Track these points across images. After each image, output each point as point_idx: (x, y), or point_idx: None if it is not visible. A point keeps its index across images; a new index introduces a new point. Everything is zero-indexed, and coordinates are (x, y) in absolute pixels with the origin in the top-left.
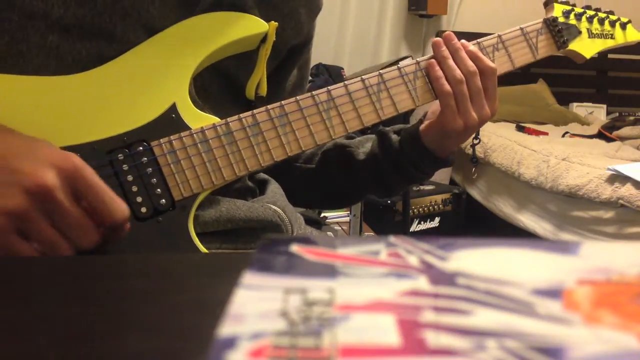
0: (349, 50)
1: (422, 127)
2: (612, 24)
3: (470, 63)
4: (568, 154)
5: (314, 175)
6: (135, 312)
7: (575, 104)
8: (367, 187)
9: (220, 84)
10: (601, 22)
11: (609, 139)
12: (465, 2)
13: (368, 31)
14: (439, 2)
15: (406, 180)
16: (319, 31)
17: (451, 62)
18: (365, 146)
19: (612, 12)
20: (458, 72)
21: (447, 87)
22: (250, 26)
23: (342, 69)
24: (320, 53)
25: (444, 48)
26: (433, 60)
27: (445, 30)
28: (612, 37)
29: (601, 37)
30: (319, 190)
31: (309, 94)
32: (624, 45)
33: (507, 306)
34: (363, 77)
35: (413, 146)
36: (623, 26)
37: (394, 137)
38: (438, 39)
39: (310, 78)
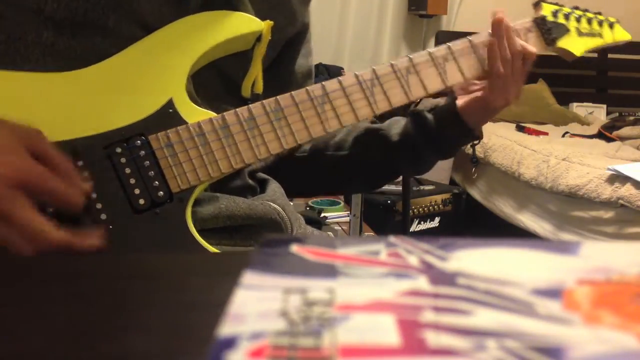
0: (349, 50)
1: (461, 104)
2: (600, 23)
3: (518, 43)
4: (568, 154)
5: (348, 161)
6: (135, 312)
7: (575, 104)
8: (402, 166)
9: (217, 83)
10: (589, 21)
11: (609, 139)
12: (465, 2)
13: (368, 31)
14: (439, 2)
15: (441, 156)
16: (319, 31)
17: (505, 41)
18: (396, 127)
19: (599, 13)
20: (508, 52)
21: (501, 68)
22: (246, 25)
23: (342, 69)
24: (320, 53)
25: (502, 27)
26: (493, 39)
27: (445, 30)
28: (600, 36)
29: (590, 36)
30: (353, 175)
31: (303, 90)
32: (614, 45)
33: (507, 306)
34: (357, 73)
35: (453, 123)
36: (611, 25)
37: (429, 115)
38: (500, 16)
39: None
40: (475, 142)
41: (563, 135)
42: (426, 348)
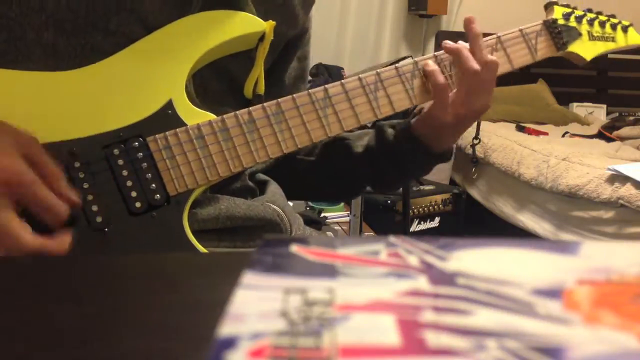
0: (349, 50)
1: (413, 120)
2: (614, 27)
3: (481, 56)
4: (568, 154)
5: (315, 167)
6: (134, 312)
7: (575, 104)
8: (365, 180)
9: (219, 82)
10: (602, 25)
11: (609, 139)
12: (465, 2)
13: (368, 31)
14: (439, 2)
15: (403, 174)
16: (319, 31)
17: (467, 52)
18: (363, 139)
19: (613, 16)
20: (474, 64)
21: (442, 81)
22: (248, 25)
23: (342, 69)
24: (320, 53)
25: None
26: (430, 57)
27: (445, 30)
28: (613, 39)
29: (602, 40)
30: (319, 183)
31: (305, 92)
32: (626, 48)
33: (507, 306)
34: (360, 75)
35: (407, 140)
36: (624, 29)
37: (390, 130)
38: (470, 21)
39: (310, 78)
40: (476, 142)
41: (563, 135)
42: (426, 348)
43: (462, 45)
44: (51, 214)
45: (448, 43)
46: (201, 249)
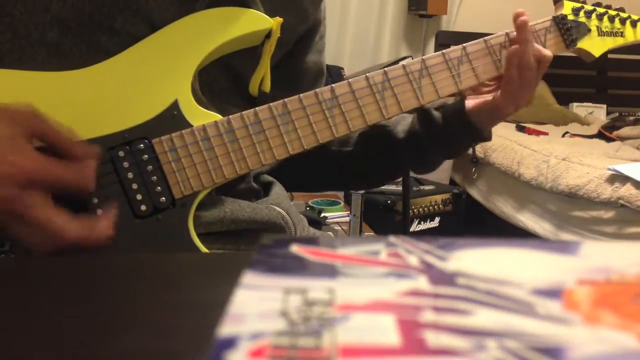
0: (349, 50)
1: (470, 105)
2: (623, 21)
3: (538, 49)
4: (568, 154)
5: (352, 157)
6: (135, 312)
7: (575, 104)
8: (407, 164)
9: (225, 80)
10: (611, 19)
11: (609, 139)
12: (465, 2)
13: (368, 31)
14: (439, 2)
15: (447, 155)
16: None
17: (530, 48)
18: (402, 124)
19: (622, 9)
20: (532, 60)
21: (517, 75)
22: (255, 22)
23: (342, 69)
24: None
25: (528, 31)
26: (517, 47)
27: (445, 30)
28: (622, 35)
29: (611, 35)
30: (358, 171)
31: (312, 92)
32: (634, 44)
33: (507, 306)
34: (367, 75)
35: (460, 124)
36: (634, 24)
37: (436, 114)
38: (524, 19)
39: None
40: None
41: (563, 135)
42: (426, 348)
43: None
44: (76, 189)
45: (499, 36)
46: (206, 252)
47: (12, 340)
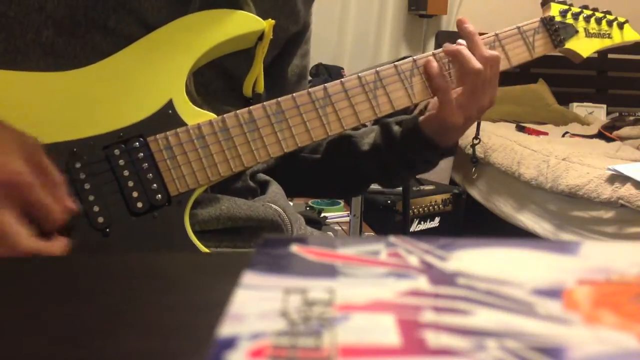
0: (349, 50)
1: (422, 118)
2: (610, 23)
3: (480, 53)
4: (568, 154)
5: (320, 165)
6: (134, 312)
7: (575, 104)
8: (372, 177)
9: (219, 81)
10: (598, 21)
11: (609, 139)
12: (465, 2)
13: (368, 31)
14: (439, 2)
15: (410, 169)
16: (319, 31)
17: (467, 52)
18: (369, 137)
19: (609, 12)
20: (476, 63)
21: (443, 83)
22: (247, 24)
23: (342, 69)
24: (320, 53)
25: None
26: (430, 57)
27: (445, 30)
28: (609, 36)
29: (598, 37)
30: (325, 180)
31: (305, 91)
32: (622, 45)
33: (507, 306)
34: (359, 74)
35: (413, 137)
36: (620, 26)
37: (396, 127)
38: (462, 21)
39: (310, 78)
40: (476, 142)
41: (563, 135)
42: (426, 348)
43: (461, 45)
44: (47, 219)
45: (448, 46)
46: (203, 249)
47: (10, 340)
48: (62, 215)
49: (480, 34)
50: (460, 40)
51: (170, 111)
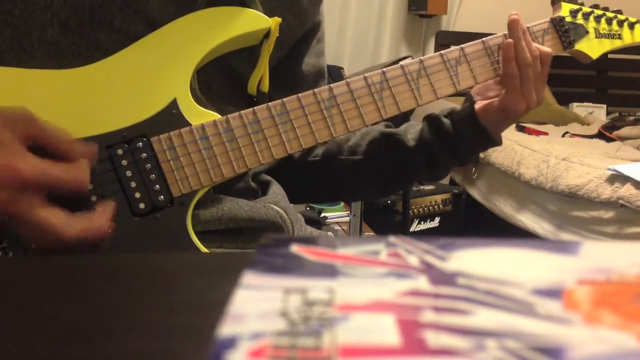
0: (349, 50)
1: (479, 108)
2: (620, 23)
3: (534, 47)
4: (568, 154)
5: (361, 166)
6: (134, 312)
7: (575, 104)
8: (418, 172)
9: (223, 79)
10: (609, 21)
11: (609, 139)
12: (465, 2)
13: (368, 31)
14: (439, 2)
15: (458, 162)
16: None
17: (524, 44)
18: (412, 132)
19: (620, 12)
20: (528, 55)
21: (516, 69)
22: (253, 22)
23: (342, 69)
24: None
25: (519, 28)
26: (510, 41)
27: (445, 30)
28: (619, 37)
29: (609, 37)
30: (368, 180)
31: (310, 92)
32: (632, 45)
33: (507, 306)
34: (366, 75)
35: (470, 128)
36: (631, 26)
37: (446, 120)
38: (515, 17)
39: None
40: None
41: (563, 135)
42: (426, 348)
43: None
44: (73, 190)
45: (495, 37)
46: (204, 250)
47: (10, 340)
48: (84, 180)
49: (483, 35)
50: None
51: (174, 111)
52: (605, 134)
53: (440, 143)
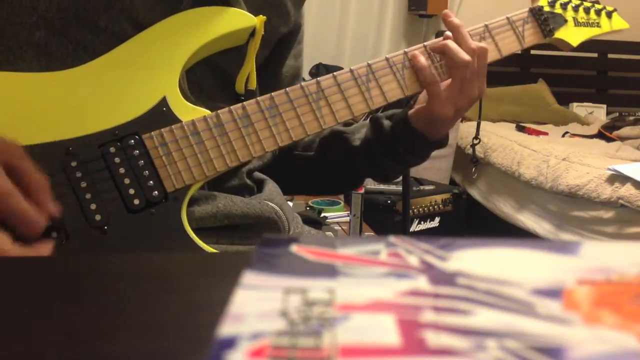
0: (349, 50)
1: (411, 111)
2: (598, 12)
3: (471, 44)
4: (568, 154)
5: (314, 162)
6: (134, 312)
7: (575, 104)
8: (364, 172)
9: (212, 78)
10: (587, 10)
11: (609, 139)
12: (465, 2)
13: (368, 31)
14: (439, 2)
15: (401, 163)
16: (319, 31)
17: (454, 45)
18: (360, 132)
19: (597, 1)
20: (464, 55)
21: (432, 76)
22: (239, 20)
23: (342, 69)
24: (320, 53)
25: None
26: (416, 51)
27: (445, 30)
28: (598, 25)
29: (587, 26)
30: (319, 177)
31: (298, 86)
32: (611, 33)
33: (507, 306)
34: (352, 68)
35: (403, 131)
36: (609, 15)
37: (386, 122)
38: (447, 15)
39: (309, 78)
40: (476, 142)
41: (563, 135)
42: (426, 348)
43: (448, 39)
44: (26, 227)
45: (434, 42)
46: (201, 244)
47: (10, 340)
48: (40, 223)
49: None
50: (447, 33)
51: (164, 108)
52: (605, 134)
53: (380, 144)
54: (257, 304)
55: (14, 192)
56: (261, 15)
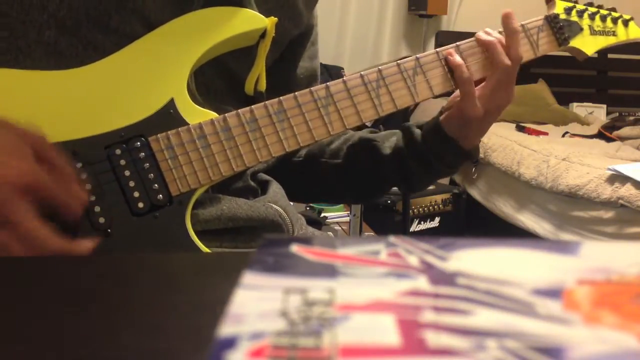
0: (349, 50)
1: (442, 117)
2: (615, 21)
3: (516, 52)
4: (568, 154)
5: (341, 170)
6: (134, 312)
7: (575, 104)
8: (393, 181)
9: (221, 80)
10: (603, 19)
11: (609, 139)
12: (465, 2)
13: (368, 31)
14: (439, 2)
15: (431, 174)
16: (319, 31)
17: (500, 47)
18: (390, 140)
19: (614, 9)
20: (506, 59)
21: (467, 74)
22: (250, 21)
23: (342, 69)
24: (320, 53)
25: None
26: (452, 50)
27: (445, 30)
28: (614, 34)
29: (603, 34)
30: (346, 185)
31: (307, 90)
32: (627, 43)
33: (507, 306)
34: (362, 73)
35: (435, 137)
36: (625, 23)
37: (417, 130)
38: (509, 16)
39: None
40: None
41: (563, 135)
42: (426, 348)
43: (498, 38)
44: (65, 212)
45: (482, 35)
46: (204, 249)
47: (11, 341)
48: (78, 207)
49: (475, 32)
50: (479, 33)
51: (171, 110)
52: (605, 134)
53: (410, 152)
54: (257, 304)
55: (48, 179)
56: (272, 17)
